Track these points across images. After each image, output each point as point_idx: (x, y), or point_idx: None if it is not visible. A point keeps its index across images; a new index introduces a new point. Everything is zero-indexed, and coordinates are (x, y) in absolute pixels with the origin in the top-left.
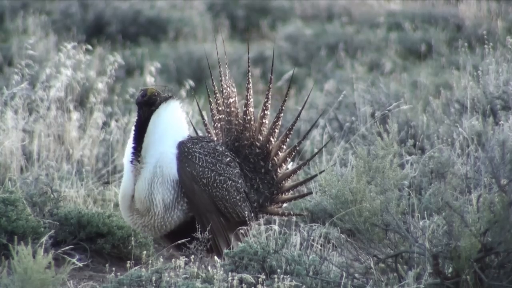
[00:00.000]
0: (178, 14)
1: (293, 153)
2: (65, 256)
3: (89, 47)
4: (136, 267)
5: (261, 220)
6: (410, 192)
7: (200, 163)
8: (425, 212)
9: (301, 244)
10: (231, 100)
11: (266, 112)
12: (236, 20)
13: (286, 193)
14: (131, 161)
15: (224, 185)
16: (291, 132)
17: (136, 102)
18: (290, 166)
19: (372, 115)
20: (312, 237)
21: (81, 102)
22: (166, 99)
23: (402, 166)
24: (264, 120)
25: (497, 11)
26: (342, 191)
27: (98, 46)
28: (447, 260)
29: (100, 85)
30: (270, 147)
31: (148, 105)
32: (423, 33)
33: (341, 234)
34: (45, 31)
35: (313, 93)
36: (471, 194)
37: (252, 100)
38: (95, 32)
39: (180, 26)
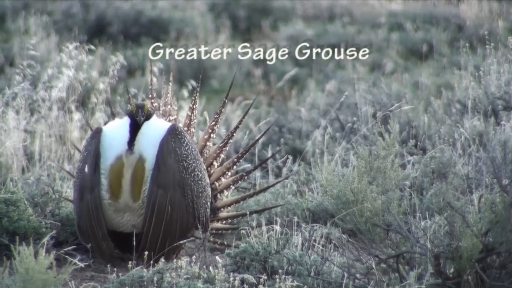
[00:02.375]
0: (179, 15)
1: (240, 181)
2: (67, 256)
3: (91, 47)
4: (138, 268)
5: (263, 221)
6: (412, 192)
7: (186, 148)
8: (427, 213)
9: (302, 244)
10: (171, 118)
11: (211, 135)
12: (237, 21)
13: (221, 222)
14: (126, 151)
15: (199, 182)
16: (240, 160)
17: (140, 124)
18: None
19: (374, 116)
20: (313, 238)
21: (83, 103)
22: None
23: (403, 166)
24: (207, 143)
25: (498, 11)
26: (344, 191)
27: (99, 46)
28: (448, 260)
29: (101, 86)
30: (212, 171)
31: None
32: (425, 34)
33: (343, 235)
34: (46, 31)
35: (315, 94)
36: (472, 195)
37: (195, 120)
38: (97, 32)
39: (181, 26)
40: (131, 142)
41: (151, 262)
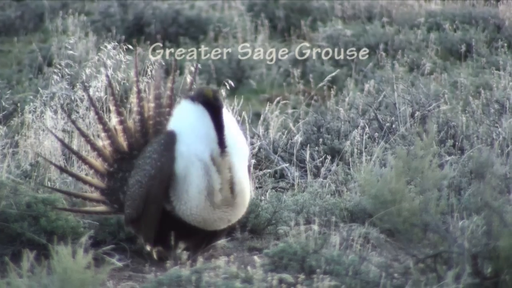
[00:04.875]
0: (217, 14)
1: None
2: (105, 256)
3: (130, 47)
4: (176, 267)
5: (301, 220)
6: (450, 192)
7: None
8: (464, 212)
9: (340, 244)
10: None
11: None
12: (276, 21)
13: None
14: (221, 153)
15: None
16: None
17: (222, 106)
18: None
19: (412, 115)
20: (351, 237)
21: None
22: None
23: (441, 166)
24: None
25: None
26: (382, 191)
27: (138, 46)
28: (486, 260)
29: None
30: None
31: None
32: (463, 34)
33: (381, 234)
34: (84, 31)
35: (353, 94)
36: (510, 194)
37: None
38: (135, 32)
39: (220, 26)
40: (222, 141)
41: (190, 261)
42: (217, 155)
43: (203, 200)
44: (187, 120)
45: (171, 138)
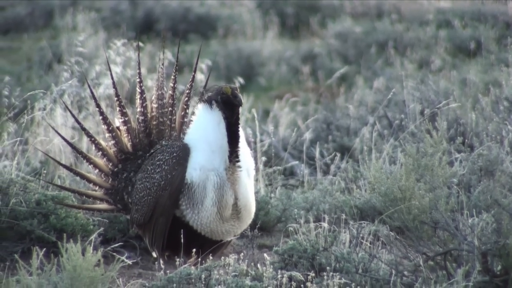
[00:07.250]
0: (227, 12)
1: None
2: (114, 253)
3: (140, 44)
4: (186, 265)
5: (311, 218)
6: (459, 189)
7: None
8: (474, 210)
9: (350, 241)
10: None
11: (186, 111)
12: (285, 18)
13: None
14: (231, 167)
15: None
16: None
17: (241, 104)
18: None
19: (421, 113)
20: (361, 235)
21: (131, 100)
22: None
23: (451, 163)
24: (185, 119)
25: None
26: (391, 189)
27: (148, 43)
28: (496, 257)
29: (150, 83)
30: None
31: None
32: (473, 31)
33: (390, 232)
34: (94, 28)
35: (363, 91)
36: None
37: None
38: (145, 29)
39: (229, 23)
40: (234, 153)
41: (199, 259)
42: (228, 168)
43: (215, 212)
44: (204, 131)
45: (185, 152)
